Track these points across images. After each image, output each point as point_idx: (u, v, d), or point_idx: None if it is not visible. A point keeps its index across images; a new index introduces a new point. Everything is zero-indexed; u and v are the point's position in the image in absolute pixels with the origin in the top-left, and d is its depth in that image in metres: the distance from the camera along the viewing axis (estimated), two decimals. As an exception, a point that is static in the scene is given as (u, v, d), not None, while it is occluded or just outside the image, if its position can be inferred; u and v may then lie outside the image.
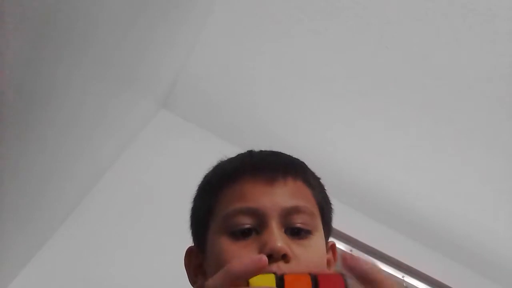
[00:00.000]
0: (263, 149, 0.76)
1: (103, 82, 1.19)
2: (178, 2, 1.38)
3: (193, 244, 0.76)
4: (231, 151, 0.75)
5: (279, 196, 0.66)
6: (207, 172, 0.77)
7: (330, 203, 0.76)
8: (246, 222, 0.64)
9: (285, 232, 0.64)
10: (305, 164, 0.75)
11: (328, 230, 0.73)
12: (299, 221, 0.65)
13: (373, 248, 2.31)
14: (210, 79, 2.06)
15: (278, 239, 0.61)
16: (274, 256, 0.59)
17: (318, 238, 0.67)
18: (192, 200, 0.77)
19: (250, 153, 0.76)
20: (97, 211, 1.80)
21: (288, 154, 0.76)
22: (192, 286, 0.72)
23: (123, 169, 1.93)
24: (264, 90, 2.03)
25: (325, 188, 0.76)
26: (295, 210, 0.65)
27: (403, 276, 2.40)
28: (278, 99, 2.06)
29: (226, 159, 0.76)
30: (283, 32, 1.77)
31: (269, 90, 2.03)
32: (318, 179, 0.76)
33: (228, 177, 0.70)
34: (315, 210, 0.69)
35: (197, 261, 0.72)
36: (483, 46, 1.63)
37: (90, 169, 1.69)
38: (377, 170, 2.24)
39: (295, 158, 0.75)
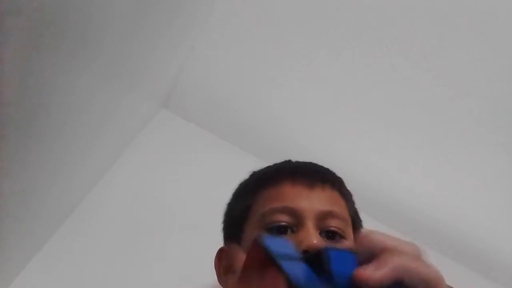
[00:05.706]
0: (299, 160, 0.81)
1: (109, 84, 1.19)
2: (179, 3, 1.38)
3: (224, 245, 0.79)
4: (232, 151, 0.76)
5: (317, 200, 0.69)
6: (242, 180, 0.80)
7: (361, 220, 0.80)
8: (283, 219, 0.67)
9: (320, 234, 0.67)
10: (341, 178, 0.80)
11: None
12: (333, 225, 0.68)
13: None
14: (211, 79, 2.06)
15: (314, 237, 0.63)
16: None
17: (349, 245, 0.70)
18: (227, 204, 0.80)
19: (289, 160, 0.80)
20: (97, 212, 1.80)
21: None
22: (220, 284, 0.74)
23: (122, 169, 1.93)
24: (265, 90, 2.03)
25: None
26: (330, 214, 0.69)
27: (403, 277, 2.39)
28: (279, 99, 2.05)
29: (261, 167, 0.80)
30: (284, 31, 1.77)
31: (270, 90, 2.02)
32: (351, 195, 0.80)
33: (268, 179, 0.73)
34: (348, 219, 0.73)
35: (229, 262, 0.74)
36: (484, 46, 1.63)
37: (89, 169, 1.69)
38: (376, 169, 2.23)
39: (333, 171, 0.80)
